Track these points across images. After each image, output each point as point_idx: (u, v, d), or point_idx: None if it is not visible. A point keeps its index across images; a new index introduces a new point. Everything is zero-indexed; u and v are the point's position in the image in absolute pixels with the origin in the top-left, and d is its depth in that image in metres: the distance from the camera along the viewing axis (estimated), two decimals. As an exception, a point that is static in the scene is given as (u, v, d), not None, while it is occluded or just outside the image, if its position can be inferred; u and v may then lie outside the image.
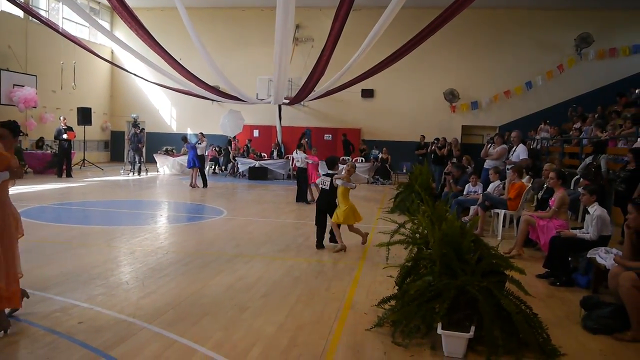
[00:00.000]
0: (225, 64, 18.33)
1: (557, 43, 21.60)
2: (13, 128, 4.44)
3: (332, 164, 8.13)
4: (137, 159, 18.73)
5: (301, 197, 12.95)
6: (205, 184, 15.57)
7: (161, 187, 16.08)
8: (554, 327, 4.40)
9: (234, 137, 20.67)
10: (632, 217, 4.69)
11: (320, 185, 7.99)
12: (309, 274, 6.25)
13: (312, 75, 14.12)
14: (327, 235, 7.90)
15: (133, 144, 18.80)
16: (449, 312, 4.00)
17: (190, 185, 15.43)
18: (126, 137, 20.63)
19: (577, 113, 17.71)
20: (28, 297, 4.64)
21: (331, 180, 7.66)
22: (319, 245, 7.72)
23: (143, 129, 20.35)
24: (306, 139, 19.35)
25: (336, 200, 7.75)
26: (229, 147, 20.95)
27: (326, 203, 7.84)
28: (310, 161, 13.11)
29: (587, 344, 4.39)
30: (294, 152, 14.17)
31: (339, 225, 7.67)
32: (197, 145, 15.68)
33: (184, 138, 17.53)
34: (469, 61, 22.22)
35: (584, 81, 21.11)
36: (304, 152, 13.45)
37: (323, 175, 8.05)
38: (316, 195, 9.84)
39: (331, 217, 7.74)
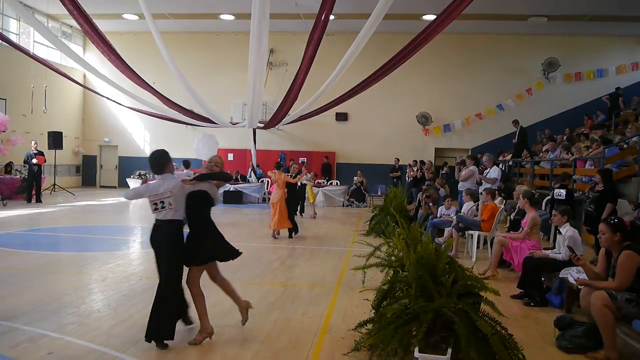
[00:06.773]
0: (199, 88, 18.22)
1: (525, 67, 22.19)
2: None
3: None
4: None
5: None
6: None
7: (134, 212, 15.85)
8: (529, 348, 4.42)
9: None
10: (604, 237, 4.75)
11: None
12: (284, 299, 6.20)
13: (286, 99, 14.20)
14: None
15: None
16: (426, 335, 3.99)
17: None
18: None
19: (546, 135, 18.13)
20: None
21: None
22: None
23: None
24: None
25: None
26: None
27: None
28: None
29: (561, 364, 4.43)
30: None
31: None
32: None
33: None
34: (441, 84, 22.62)
35: (553, 104, 21.70)
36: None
37: None
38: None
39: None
